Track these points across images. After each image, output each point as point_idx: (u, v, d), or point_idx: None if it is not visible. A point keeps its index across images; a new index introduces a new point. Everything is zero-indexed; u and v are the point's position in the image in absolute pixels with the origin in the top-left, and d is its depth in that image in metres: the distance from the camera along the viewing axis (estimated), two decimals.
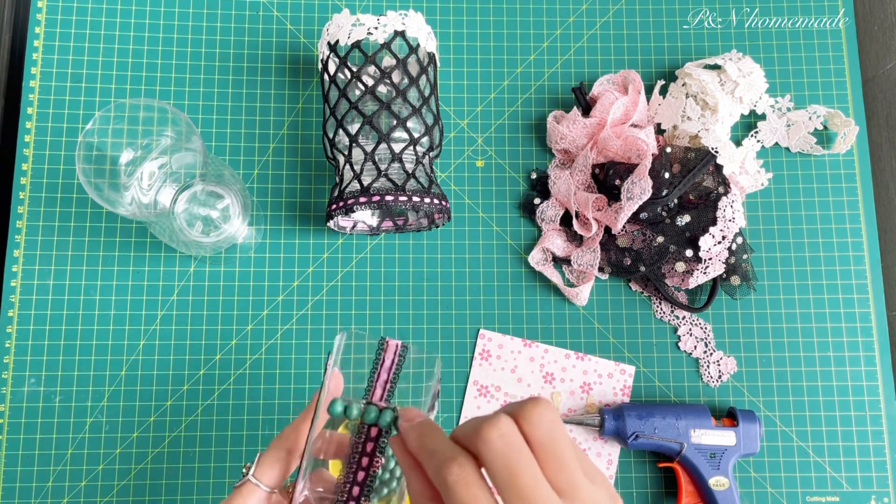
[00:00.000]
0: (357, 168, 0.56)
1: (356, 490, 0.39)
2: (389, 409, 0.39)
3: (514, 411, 0.30)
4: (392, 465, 0.41)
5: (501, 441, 0.29)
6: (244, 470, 0.41)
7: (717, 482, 0.57)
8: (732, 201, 0.60)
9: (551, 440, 0.30)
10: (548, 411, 0.30)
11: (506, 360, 0.62)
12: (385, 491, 0.41)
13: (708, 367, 0.62)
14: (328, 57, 0.58)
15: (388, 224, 0.63)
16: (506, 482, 0.29)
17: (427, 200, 0.56)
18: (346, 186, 0.57)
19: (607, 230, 0.63)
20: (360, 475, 0.39)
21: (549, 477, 0.29)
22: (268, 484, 0.41)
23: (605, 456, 0.60)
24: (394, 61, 0.56)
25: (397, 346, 0.43)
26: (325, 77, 0.58)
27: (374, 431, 0.39)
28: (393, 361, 0.43)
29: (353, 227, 0.63)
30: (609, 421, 0.58)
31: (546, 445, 0.30)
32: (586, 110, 0.65)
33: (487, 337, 0.62)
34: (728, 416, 0.59)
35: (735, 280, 0.61)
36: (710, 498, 0.57)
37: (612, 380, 0.62)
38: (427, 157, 0.59)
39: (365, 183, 0.56)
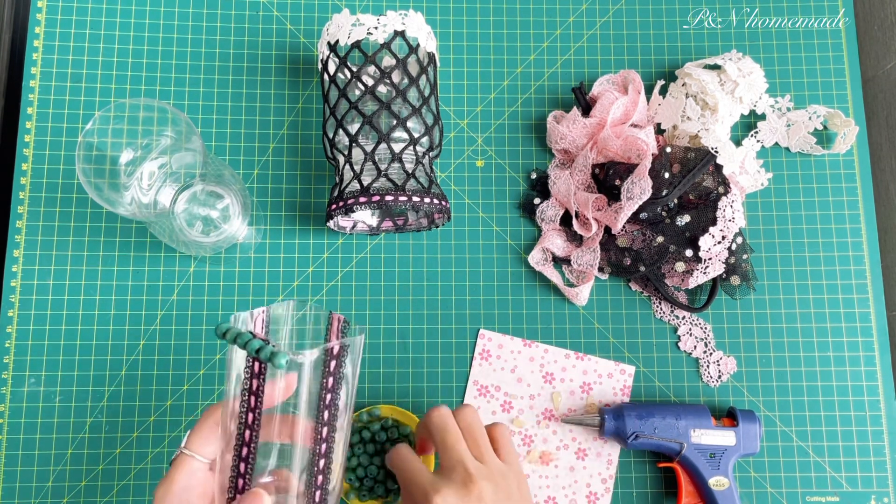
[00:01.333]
0: (357, 168, 0.56)
1: (248, 434, 0.39)
2: (262, 340, 0.37)
3: (453, 409, 0.50)
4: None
5: (438, 417, 0.48)
6: (178, 449, 0.42)
7: (717, 482, 0.57)
8: (732, 201, 0.60)
9: (470, 425, 0.48)
10: (470, 409, 0.49)
11: (506, 360, 0.62)
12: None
13: (708, 367, 0.62)
14: (328, 57, 0.58)
15: (388, 224, 0.63)
16: (438, 441, 0.47)
17: (427, 200, 0.56)
18: (346, 186, 0.57)
19: (607, 230, 0.63)
20: (250, 417, 0.39)
21: (469, 446, 0.47)
22: (204, 453, 0.41)
23: (605, 456, 0.60)
24: (394, 61, 0.56)
25: (339, 320, 0.46)
26: (325, 77, 0.58)
27: (256, 367, 0.38)
28: (336, 332, 0.45)
29: (353, 227, 0.63)
30: (609, 421, 0.58)
31: (467, 428, 0.48)
32: (586, 110, 0.65)
33: (487, 337, 0.62)
34: (728, 416, 0.59)
35: (735, 280, 0.61)
36: (710, 498, 0.57)
37: (612, 380, 0.62)
38: (427, 157, 0.59)
39: (365, 183, 0.56)
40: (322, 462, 0.40)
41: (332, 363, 0.40)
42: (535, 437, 0.61)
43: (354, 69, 0.57)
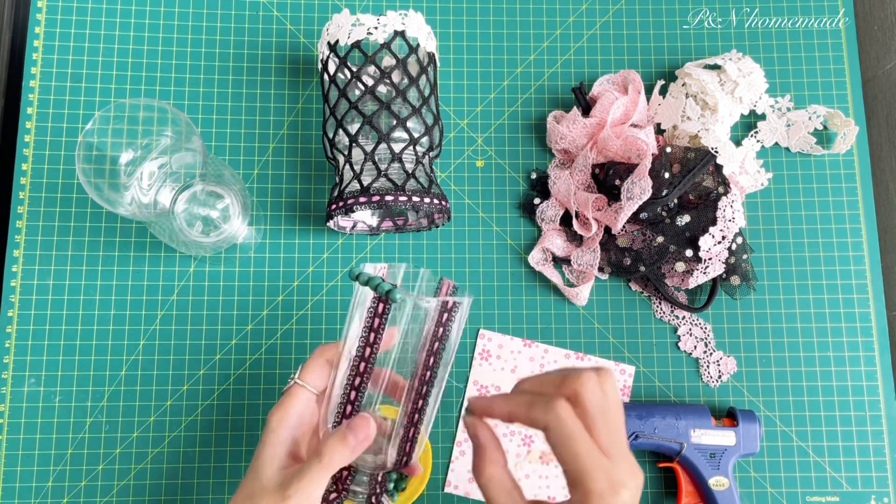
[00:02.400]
0: (357, 168, 0.56)
1: (362, 365, 0.43)
2: (391, 284, 0.42)
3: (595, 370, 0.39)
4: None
5: (597, 386, 0.38)
6: (289, 378, 0.46)
7: (716, 482, 0.57)
8: (732, 201, 0.60)
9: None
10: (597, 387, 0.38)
11: (506, 360, 0.62)
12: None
13: (708, 367, 0.62)
14: (328, 57, 0.58)
15: (388, 224, 0.63)
16: (563, 448, 0.37)
17: (427, 200, 0.56)
18: (346, 186, 0.57)
19: (607, 230, 0.63)
20: (367, 350, 0.43)
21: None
22: (314, 386, 0.45)
23: None
24: (394, 61, 0.56)
25: (449, 284, 0.48)
26: (325, 77, 0.58)
27: (380, 306, 0.43)
28: (446, 292, 0.48)
29: (353, 227, 0.63)
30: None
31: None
32: (586, 110, 0.65)
33: (487, 337, 0.62)
34: (728, 416, 0.59)
35: (735, 280, 0.61)
36: (709, 498, 0.57)
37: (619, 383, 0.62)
38: (427, 157, 0.59)
39: (365, 183, 0.56)
40: (419, 414, 0.45)
41: (445, 315, 0.44)
42: (535, 438, 0.61)
43: (354, 69, 0.57)
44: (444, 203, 0.58)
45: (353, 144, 0.56)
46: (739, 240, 0.60)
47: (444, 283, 0.48)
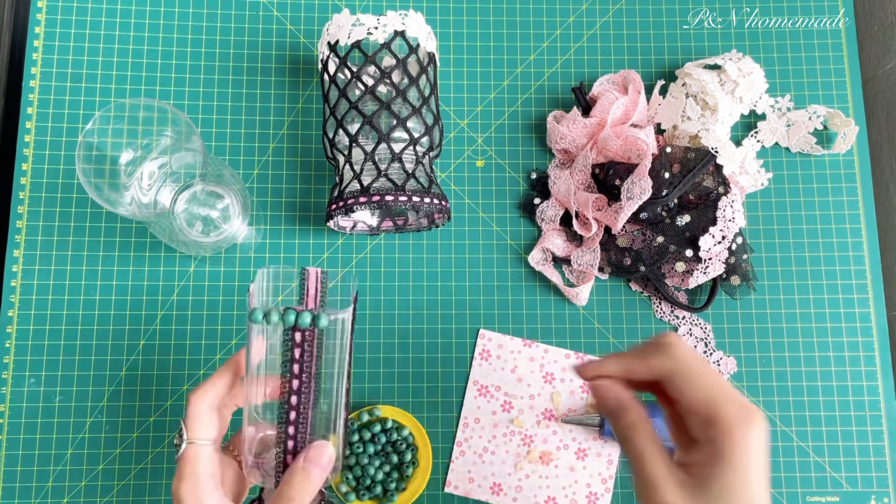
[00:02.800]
0: (357, 168, 0.56)
1: (294, 399, 0.41)
2: (307, 311, 0.40)
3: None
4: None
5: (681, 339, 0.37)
6: (176, 442, 0.42)
7: None
8: (732, 201, 0.60)
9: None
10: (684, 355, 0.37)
11: (506, 360, 0.62)
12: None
13: None
14: (328, 57, 0.58)
15: (388, 224, 0.63)
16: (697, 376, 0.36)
17: (427, 200, 0.56)
18: (346, 186, 0.57)
19: (607, 230, 0.63)
20: (295, 383, 0.41)
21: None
22: (209, 438, 0.42)
23: (605, 456, 0.60)
24: (394, 61, 0.56)
25: (317, 272, 0.45)
26: (325, 77, 0.58)
27: (297, 336, 0.40)
28: (316, 288, 0.45)
29: (353, 227, 0.63)
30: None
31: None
32: (586, 110, 0.65)
33: (487, 337, 0.62)
34: None
35: (735, 280, 0.61)
36: None
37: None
38: (427, 157, 0.59)
39: (365, 183, 0.56)
40: (343, 416, 0.43)
41: (355, 309, 0.43)
42: (535, 437, 0.61)
43: (354, 69, 0.57)
44: (444, 203, 0.58)
45: (353, 144, 0.56)
46: (739, 240, 0.60)
47: (309, 277, 0.45)
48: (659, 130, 0.65)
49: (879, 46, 0.68)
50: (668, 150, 0.61)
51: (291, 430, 0.41)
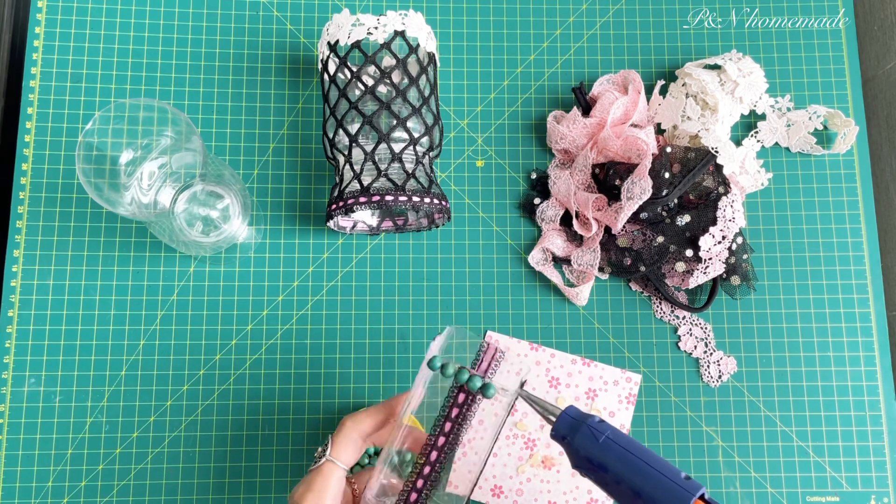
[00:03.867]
0: (357, 168, 0.56)
1: (434, 455, 0.42)
2: (479, 377, 0.41)
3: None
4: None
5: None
6: (317, 454, 0.43)
7: None
8: (732, 201, 0.60)
9: None
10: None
11: (511, 363, 0.61)
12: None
13: (708, 367, 0.62)
14: (328, 57, 0.58)
15: (388, 224, 0.63)
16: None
17: (427, 200, 0.56)
18: (346, 186, 0.57)
19: (607, 230, 0.63)
20: (441, 440, 0.42)
21: None
22: (346, 463, 0.43)
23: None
24: (394, 61, 0.56)
25: (496, 348, 0.46)
26: (325, 77, 0.58)
27: (461, 397, 0.42)
28: (490, 362, 0.46)
29: (353, 227, 0.63)
30: (560, 425, 0.43)
31: None
32: (586, 110, 0.65)
33: (494, 339, 0.62)
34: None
35: (735, 280, 0.61)
36: None
37: (618, 387, 0.62)
38: (427, 157, 0.59)
39: (365, 183, 0.56)
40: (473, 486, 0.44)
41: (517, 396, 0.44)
42: (537, 442, 0.61)
43: (354, 69, 0.57)
44: (444, 203, 0.58)
45: (353, 144, 0.56)
46: (739, 240, 0.60)
47: (488, 350, 0.45)
48: (659, 130, 0.65)
49: (879, 46, 0.68)
50: (668, 150, 0.61)
51: (420, 483, 0.41)
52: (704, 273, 0.60)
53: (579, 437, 0.42)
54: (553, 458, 0.60)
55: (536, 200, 0.64)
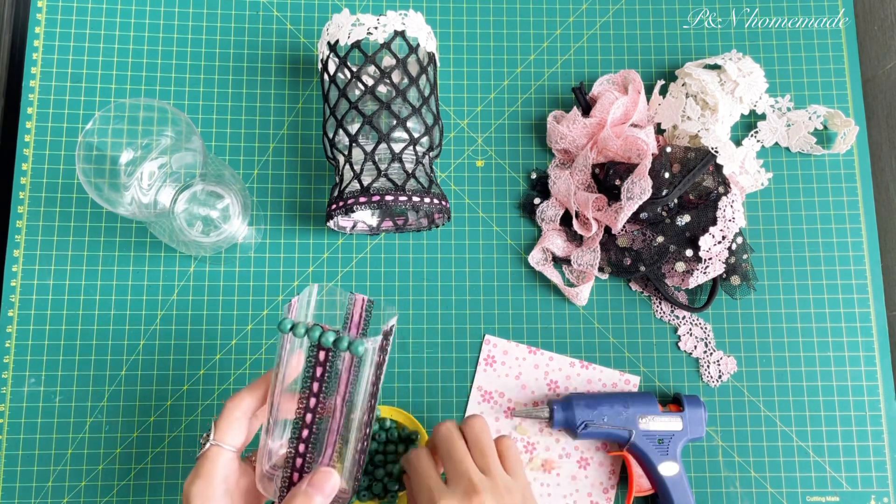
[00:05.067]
0: (357, 168, 0.56)
1: (309, 417, 0.41)
2: (333, 331, 0.40)
3: (461, 421, 0.49)
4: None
5: (445, 430, 0.47)
6: (201, 440, 0.43)
7: (666, 468, 0.57)
8: (732, 201, 0.60)
9: (478, 438, 0.47)
10: (479, 421, 0.48)
11: (510, 367, 0.62)
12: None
13: (708, 367, 0.62)
14: (328, 57, 0.58)
15: (388, 224, 0.63)
16: (444, 454, 0.47)
17: (427, 200, 0.56)
18: (346, 186, 0.57)
19: (607, 230, 0.63)
20: (312, 401, 0.41)
21: (475, 459, 0.46)
22: (233, 444, 0.42)
23: (608, 466, 0.60)
24: (394, 61, 0.56)
25: (364, 299, 0.46)
26: (325, 77, 0.58)
27: (321, 355, 0.41)
28: (361, 315, 0.46)
29: (353, 227, 0.63)
30: (558, 412, 0.58)
31: (474, 440, 0.47)
32: (586, 110, 0.65)
33: (493, 343, 0.62)
34: (674, 402, 0.60)
35: (735, 280, 0.61)
36: (660, 483, 0.57)
37: (616, 389, 0.62)
38: (427, 157, 0.59)
39: (365, 183, 0.56)
40: (363, 443, 0.44)
41: (386, 342, 0.43)
42: (537, 445, 0.61)
43: (354, 69, 0.57)
44: (444, 203, 0.58)
45: (353, 144, 0.56)
46: (739, 240, 0.60)
47: (356, 304, 0.46)
48: (659, 130, 0.65)
49: (879, 46, 0.68)
50: (668, 150, 0.61)
51: (301, 447, 0.41)
52: (704, 273, 0.60)
53: (575, 401, 0.58)
54: (553, 461, 0.60)
55: (536, 200, 0.64)
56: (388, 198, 0.55)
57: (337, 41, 0.56)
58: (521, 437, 0.60)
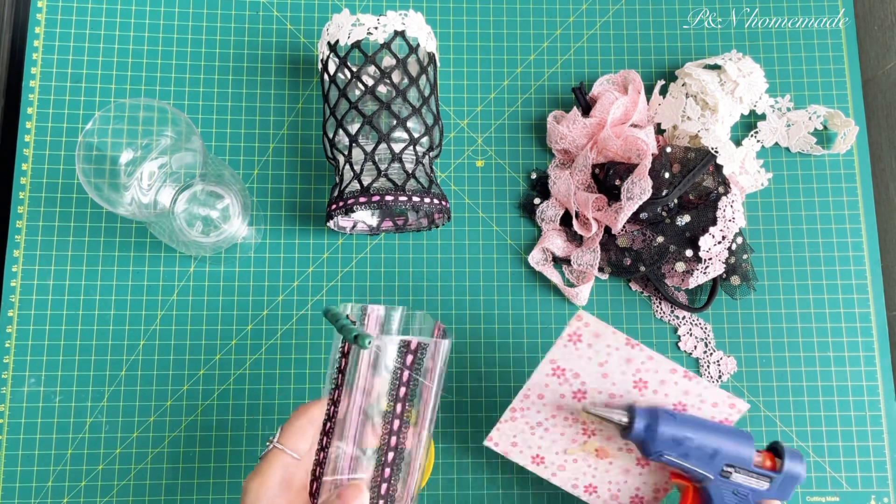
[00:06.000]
0: (357, 168, 0.56)
1: (332, 409, 0.42)
2: (357, 329, 0.41)
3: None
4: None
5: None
6: (268, 443, 0.43)
7: None
8: (732, 201, 0.60)
9: None
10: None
11: (597, 351, 0.53)
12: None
13: (708, 367, 0.62)
14: (328, 57, 0.58)
15: (388, 224, 0.63)
16: None
17: (427, 200, 0.56)
18: (346, 186, 0.57)
19: (607, 230, 0.63)
20: (337, 393, 0.42)
21: None
22: (296, 450, 0.43)
23: (667, 470, 0.54)
24: (394, 61, 0.56)
25: (440, 326, 0.47)
26: (325, 77, 0.58)
27: (346, 346, 0.42)
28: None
29: (353, 227, 0.63)
30: (639, 423, 0.49)
31: None
32: (586, 110, 0.65)
33: (585, 321, 0.52)
34: (771, 451, 0.51)
35: (735, 280, 0.61)
36: None
37: (715, 409, 0.52)
38: (427, 157, 0.59)
39: (365, 183, 0.56)
40: (391, 455, 0.43)
41: (410, 357, 0.43)
42: (597, 432, 0.55)
43: (354, 69, 0.57)
44: (444, 203, 0.58)
45: (353, 144, 0.56)
46: (739, 240, 0.60)
47: (435, 327, 0.47)
48: (659, 130, 0.65)
49: (879, 46, 0.68)
50: (668, 150, 0.61)
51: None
52: (704, 273, 0.60)
53: (662, 422, 0.49)
54: (609, 450, 0.55)
55: (536, 200, 0.64)
56: (388, 198, 0.55)
57: (337, 41, 0.56)
58: (583, 421, 0.54)
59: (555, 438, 0.56)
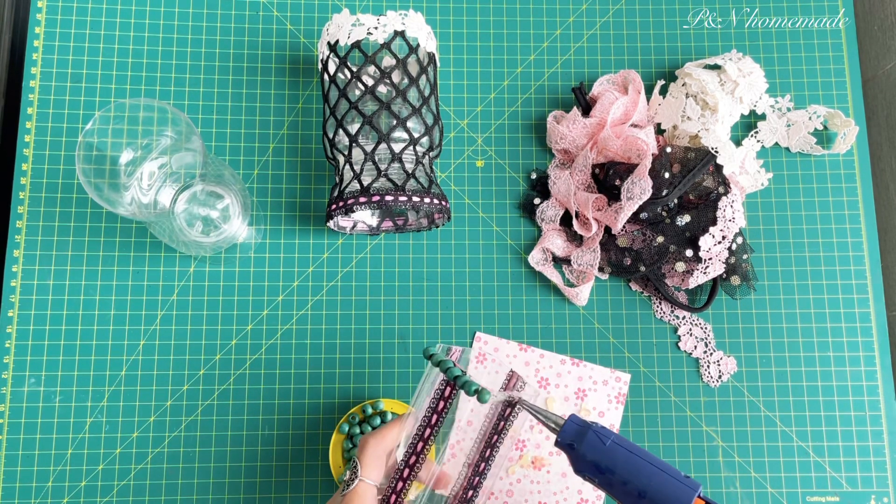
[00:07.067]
0: (357, 168, 0.56)
1: (420, 445, 0.45)
2: (461, 370, 0.44)
3: None
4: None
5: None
6: (346, 478, 0.45)
7: None
8: (732, 201, 0.60)
9: None
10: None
11: (501, 364, 0.61)
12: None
13: (708, 367, 0.62)
14: (328, 57, 0.58)
15: (388, 224, 0.63)
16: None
17: (427, 200, 0.56)
18: (346, 186, 0.57)
19: (607, 230, 0.63)
20: (427, 432, 0.45)
21: None
22: (376, 481, 0.45)
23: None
24: (394, 61, 0.56)
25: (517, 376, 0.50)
26: (325, 77, 0.58)
27: (448, 391, 0.45)
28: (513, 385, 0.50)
29: (353, 227, 0.63)
30: (565, 435, 0.45)
31: None
32: (586, 110, 0.65)
33: (483, 340, 0.62)
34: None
35: (735, 280, 0.61)
36: None
37: (607, 387, 0.62)
38: (427, 157, 0.59)
39: (365, 183, 0.56)
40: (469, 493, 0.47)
41: (508, 411, 0.46)
42: (528, 442, 0.60)
43: (354, 69, 0.57)
44: (444, 203, 0.58)
45: (353, 144, 0.56)
46: (739, 240, 0.60)
47: (513, 376, 0.49)
48: (659, 130, 0.65)
49: (879, 46, 0.68)
50: (668, 150, 0.61)
51: (406, 472, 0.45)
52: (704, 273, 0.60)
53: (587, 442, 0.44)
54: (543, 458, 0.60)
55: (536, 200, 0.64)
56: (388, 198, 0.55)
57: (337, 41, 0.56)
58: (512, 435, 0.58)
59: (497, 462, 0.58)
